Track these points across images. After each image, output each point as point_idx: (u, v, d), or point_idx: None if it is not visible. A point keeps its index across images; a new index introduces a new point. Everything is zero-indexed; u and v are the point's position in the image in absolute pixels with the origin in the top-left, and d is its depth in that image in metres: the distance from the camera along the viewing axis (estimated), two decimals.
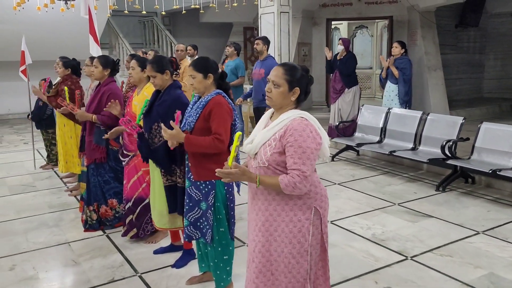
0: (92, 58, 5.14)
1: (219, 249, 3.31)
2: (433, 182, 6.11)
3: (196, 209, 3.25)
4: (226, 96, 3.22)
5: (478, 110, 11.33)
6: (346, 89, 8.01)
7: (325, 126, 8.76)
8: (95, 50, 7.07)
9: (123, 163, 4.29)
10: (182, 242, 4.11)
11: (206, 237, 3.25)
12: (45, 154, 7.75)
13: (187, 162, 3.27)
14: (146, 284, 3.60)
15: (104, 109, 4.27)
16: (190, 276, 3.69)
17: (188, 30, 15.28)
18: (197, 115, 3.15)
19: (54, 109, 6.47)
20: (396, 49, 7.08)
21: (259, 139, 2.44)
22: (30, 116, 7.18)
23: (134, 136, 3.63)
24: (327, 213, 2.53)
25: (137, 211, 4.24)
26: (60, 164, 6.01)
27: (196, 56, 8.11)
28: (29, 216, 5.14)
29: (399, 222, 4.80)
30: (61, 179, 6.61)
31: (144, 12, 10.00)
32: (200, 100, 3.20)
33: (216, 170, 2.38)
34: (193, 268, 3.81)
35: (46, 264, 3.97)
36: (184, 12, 9.94)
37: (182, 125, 3.24)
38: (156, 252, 4.16)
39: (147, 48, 13.87)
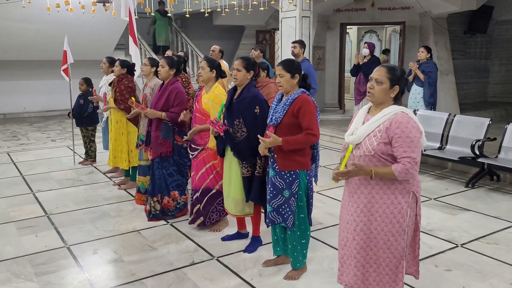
0: (150, 59, 5.43)
1: (298, 233, 3.64)
2: (461, 180, 6.50)
3: (279, 196, 3.57)
4: (310, 95, 3.55)
5: (486, 113, 11.74)
6: None
7: (345, 127, 9.08)
8: (134, 51, 7.36)
9: (191, 156, 4.61)
10: (248, 230, 4.46)
11: (288, 222, 3.57)
12: (79, 150, 8.02)
13: (272, 154, 3.59)
14: (226, 266, 3.92)
15: (179, 119, 4.64)
16: (262, 260, 4.01)
17: (200, 32, 15.55)
18: (284, 111, 3.48)
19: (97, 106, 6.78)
20: (422, 54, 7.45)
21: (363, 131, 2.77)
22: (71, 114, 7.43)
23: (221, 134, 3.93)
24: (420, 197, 2.87)
25: (204, 200, 4.56)
26: (109, 159, 6.28)
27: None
28: (89, 207, 5.43)
29: (440, 214, 5.16)
30: (104, 174, 6.89)
31: (169, 14, 10.30)
32: (286, 98, 3.53)
33: (335, 172, 2.72)
34: (263, 253, 4.14)
35: (125, 249, 4.27)
36: (207, 15, 10.21)
37: (269, 121, 3.57)
38: (224, 239, 4.47)
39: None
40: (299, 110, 3.42)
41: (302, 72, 3.59)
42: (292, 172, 3.52)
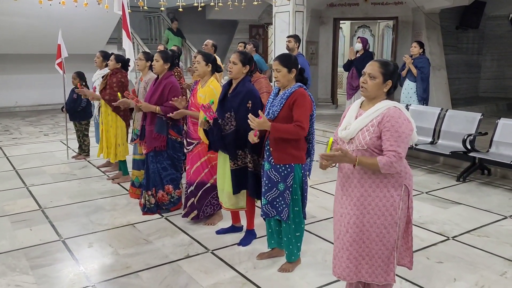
0: (144, 53, 5.44)
1: (293, 226, 3.68)
2: (452, 174, 6.57)
3: (274, 189, 3.60)
4: (307, 89, 3.58)
5: (477, 108, 11.83)
6: None
7: (338, 122, 9.13)
8: (127, 45, 7.35)
9: (186, 150, 4.63)
10: (242, 223, 4.50)
11: (282, 215, 3.61)
12: (71, 145, 8.00)
13: (267, 147, 3.62)
14: (220, 259, 3.95)
15: (170, 102, 4.59)
16: (256, 252, 4.05)
17: (193, 27, 15.51)
18: (281, 105, 3.51)
19: (92, 101, 6.76)
20: (415, 49, 7.50)
21: (356, 126, 2.80)
22: (64, 108, 7.40)
23: (210, 121, 3.96)
24: (412, 190, 2.92)
25: (199, 194, 4.59)
26: (99, 150, 6.25)
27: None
28: (83, 201, 5.44)
29: (432, 208, 5.23)
30: (97, 168, 6.89)
31: (162, 8, 10.27)
32: (283, 92, 3.56)
33: (320, 154, 2.74)
34: (257, 246, 4.18)
35: (120, 243, 4.29)
36: (200, 9, 10.22)
37: (265, 114, 3.60)
38: (218, 232, 4.51)
39: (153, 44, 14.14)
40: (294, 103, 3.46)
41: (299, 66, 3.63)
42: (287, 166, 3.55)
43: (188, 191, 4.64)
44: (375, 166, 2.70)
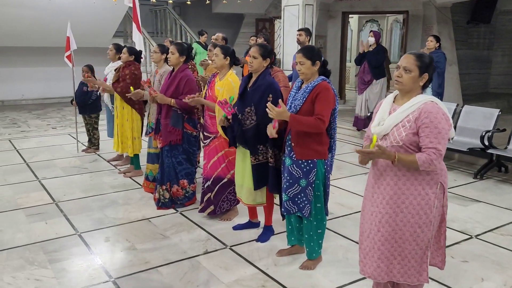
0: (160, 46, 5.34)
1: (315, 223, 3.59)
2: (468, 171, 6.48)
3: (295, 185, 3.51)
4: (330, 82, 3.49)
5: (488, 104, 11.65)
6: (374, 81, 8.32)
7: (347, 117, 9.04)
8: (138, 38, 7.28)
9: (203, 144, 4.55)
10: (259, 219, 4.42)
11: (304, 212, 3.52)
12: (81, 138, 7.91)
13: (289, 142, 3.53)
14: (239, 255, 3.88)
15: (184, 100, 4.49)
16: (275, 249, 3.97)
17: (199, 21, 15.39)
18: (304, 98, 3.42)
19: (103, 93, 6.66)
20: (431, 43, 7.38)
21: (391, 121, 2.70)
22: (74, 101, 7.31)
23: (229, 117, 3.87)
24: (447, 188, 2.82)
25: (215, 189, 4.51)
26: (115, 144, 6.16)
27: None
28: (96, 195, 5.36)
29: (452, 206, 5.07)
30: (108, 162, 6.80)
31: (170, 1, 10.17)
32: (306, 85, 3.47)
33: (357, 150, 2.64)
34: (275, 242, 4.10)
35: (137, 237, 4.22)
36: (208, 2, 10.11)
37: (287, 108, 3.50)
38: (235, 228, 4.43)
39: (159, 38, 14.02)
40: (317, 96, 3.37)
41: (322, 58, 3.54)
42: (309, 161, 3.46)
43: (205, 186, 4.56)
44: (414, 164, 2.60)
